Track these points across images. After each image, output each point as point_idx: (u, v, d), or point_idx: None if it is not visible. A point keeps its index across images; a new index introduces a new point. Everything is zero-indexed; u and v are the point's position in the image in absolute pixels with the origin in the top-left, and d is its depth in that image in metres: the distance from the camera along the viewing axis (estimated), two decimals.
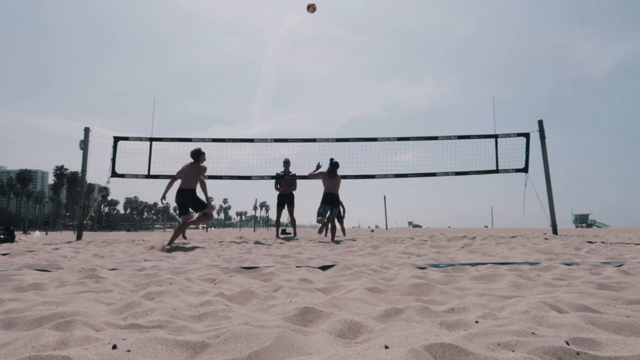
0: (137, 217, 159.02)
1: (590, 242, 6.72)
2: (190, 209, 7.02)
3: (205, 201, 7.03)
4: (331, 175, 8.76)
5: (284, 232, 13.92)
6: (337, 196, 8.95)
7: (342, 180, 9.13)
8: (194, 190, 6.93)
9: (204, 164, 7.12)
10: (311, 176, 9.30)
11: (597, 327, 1.55)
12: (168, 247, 6.46)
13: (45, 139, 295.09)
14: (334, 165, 8.78)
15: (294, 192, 10.19)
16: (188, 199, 6.89)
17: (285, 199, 10.12)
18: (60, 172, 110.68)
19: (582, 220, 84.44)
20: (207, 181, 7.26)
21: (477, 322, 1.63)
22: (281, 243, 7.80)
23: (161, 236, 13.39)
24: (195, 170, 6.95)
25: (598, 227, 69.04)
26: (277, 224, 10.65)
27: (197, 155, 7.06)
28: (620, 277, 2.74)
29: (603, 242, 6.71)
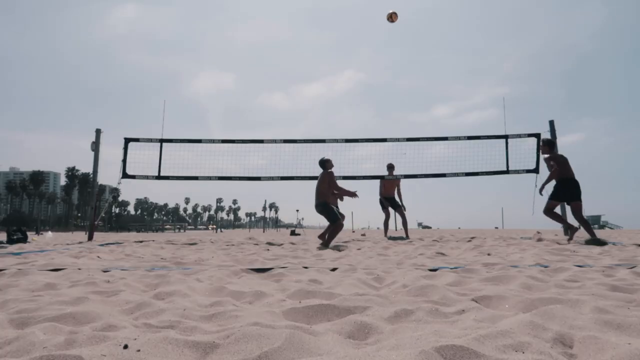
0: (148, 217, 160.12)
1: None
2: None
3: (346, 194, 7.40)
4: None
5: (293, 232, 13.88)
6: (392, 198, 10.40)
7: (350, 181, 9.32)
8: (324, 203, 7.07)
9: (331, 169, 7.28)
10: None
11: (611, 328, 1.53)
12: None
13: (57, 140, 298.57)
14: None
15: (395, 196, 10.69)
16: (322, 212, 7.08)
17: (390, 201, 10.59)
18: (72, 173, 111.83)
19: (594, 222, 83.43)
20: (218, 182, 7.32)
21: (487, 323, 1.62)
22: (292, 244, 7.80)
23: (186, 237, 13.46)
24: (322, 179, 7.11)
25: (610, 228, 68.17)
26: (386, 225, 10.94)
27: (322, 163, 7.27)
28: (634, 279, 2.70)
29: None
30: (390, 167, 10.27)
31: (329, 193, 7.19)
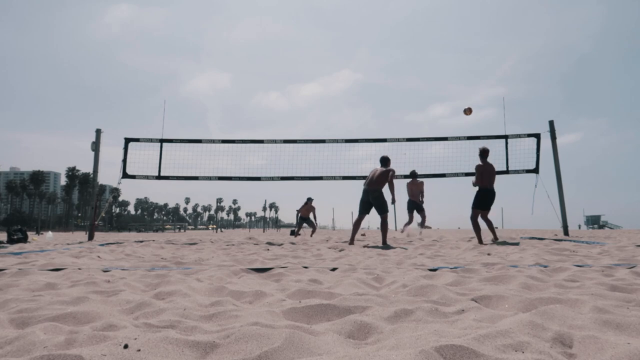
0: (148, 217, 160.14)
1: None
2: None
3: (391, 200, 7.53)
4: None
5: (293, 232, 13.91)
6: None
7: (350, 182, 9.32)
8: (382, 192, 7.43)
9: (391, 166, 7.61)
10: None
11: (610, 328, 1.53)
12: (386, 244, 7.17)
13: (57, 140, 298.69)
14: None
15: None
16: (376, 199, 7.39)
17: (415, 205, 11.39)
18: (72, 173, 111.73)
19: (594, 222, 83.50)
20: (218, 182, 7.34)
21: (487, 323, 1.62)
22: (292, 243, 7.80)
23: (186, 237, 13.46)
24: (384, 173, 7.40)
25: (610, 228, 68.24)
26: (409, 223, 11.91)
27: (387, 160, 7.60)
28: (633, 279, 2.70)
29: None
30: (414, 174, 10.89)
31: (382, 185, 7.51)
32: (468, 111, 9.87)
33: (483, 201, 7.53)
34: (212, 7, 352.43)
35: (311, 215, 14.33)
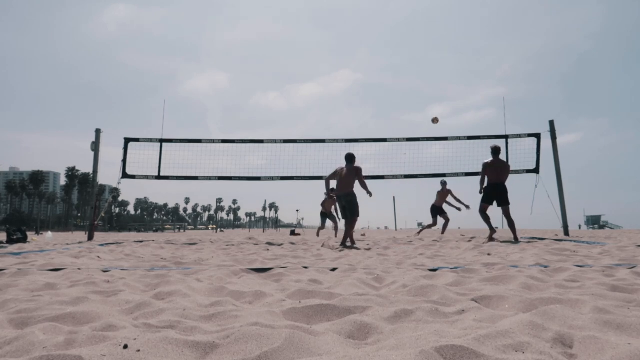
0: (148, 218, 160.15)
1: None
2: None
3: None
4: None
5: (292, 232, 13.88)
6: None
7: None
8: (354, 194, 7.24)
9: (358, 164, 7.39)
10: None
11: (611, 328, 1.53)
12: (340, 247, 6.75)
13: (57, 140, 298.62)
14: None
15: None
16: (349, 202, 7.21)
17: (439, 211, 11.90)
18: (71, 173, 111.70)
19: (594, 222, 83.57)
20: (218, 182, 7.33)
21: (487, 324, 1.62)
22: (292, 243, 7.80)
23: (186, 237, 13.46)
24: (351, 172, 7.19)
25: (611, 228, 68.25)
26: (427, 228, 12.54)
27: (352, 157, 7.36)
28: (634, 279, 2.70)
29: None
30: (444, 183, 11.58)
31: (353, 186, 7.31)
32: (435, 120, 9.96)
33: (488, 195, 7.65)
34: (211, 7, 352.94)
35: (333, 209, 12.64)
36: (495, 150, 7.87)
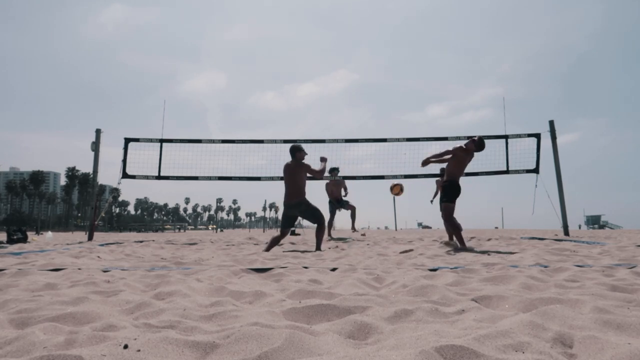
0: (148, 218, 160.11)
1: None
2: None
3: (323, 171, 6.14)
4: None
5: (293, 232, 13.88)
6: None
7: (351, 182, 9.23)
8: (306, 201, 6.08)
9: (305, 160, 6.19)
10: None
11: (611, 328, 1.53)
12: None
13: (57, 140, 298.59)
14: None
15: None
16: (304, 212, 6.07)
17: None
18: (72, 173, 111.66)
19: (594, 222, 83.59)
20: (218, 182, 7.28)
21: (487, 323, 1.62)
22: (292, 243, 7.81)
23: (186, 237, 13.46)
24: (296, 172, 6.05)
25: (611, 228, 68.25)
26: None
27: (296, 151, 6.17)
28: (634, 279, 2.70)
29: None
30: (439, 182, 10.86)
31: (304, 187, 6.13)
32: (397, 189, 9.87)
33: (456, 192, 5.92)
34: (209, 7, 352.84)
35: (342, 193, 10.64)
36: (481, 145, 5.93)
